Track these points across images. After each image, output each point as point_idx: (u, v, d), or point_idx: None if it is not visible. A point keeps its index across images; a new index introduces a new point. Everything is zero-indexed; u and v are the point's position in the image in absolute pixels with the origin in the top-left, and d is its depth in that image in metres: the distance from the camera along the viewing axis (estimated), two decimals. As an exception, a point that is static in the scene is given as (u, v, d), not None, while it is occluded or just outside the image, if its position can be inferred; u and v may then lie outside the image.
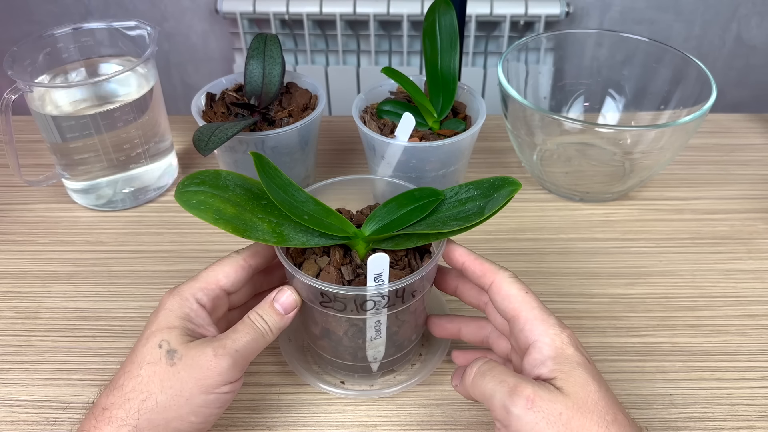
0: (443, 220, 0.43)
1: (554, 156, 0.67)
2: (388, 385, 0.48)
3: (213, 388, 0.39)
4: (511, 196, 0.41)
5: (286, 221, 0.42)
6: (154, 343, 0.40)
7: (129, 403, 0.38)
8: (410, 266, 0.44)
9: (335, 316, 0.43)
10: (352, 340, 0.45)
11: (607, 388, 0.37)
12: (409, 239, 0.42)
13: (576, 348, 0.38)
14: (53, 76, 0.63)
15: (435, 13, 0.60)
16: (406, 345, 0.48)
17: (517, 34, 1.25)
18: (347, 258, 0.44)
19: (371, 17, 1.22)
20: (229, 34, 1.27)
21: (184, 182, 0.41)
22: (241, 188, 0.43)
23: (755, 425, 0.46)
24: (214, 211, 0.41)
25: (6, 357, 0.51)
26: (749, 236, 0.63)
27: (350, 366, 0.47)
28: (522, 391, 0.36)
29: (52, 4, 1.22)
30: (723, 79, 1.31)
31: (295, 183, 0.44)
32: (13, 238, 0.63)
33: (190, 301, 0.42)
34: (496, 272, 0.42)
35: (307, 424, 0.47)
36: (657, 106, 0.69)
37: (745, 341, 0.52)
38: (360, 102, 0.61)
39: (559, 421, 0.35)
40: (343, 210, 0.48)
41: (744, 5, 1.22)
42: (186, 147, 0.74)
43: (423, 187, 0.45)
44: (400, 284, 0.41)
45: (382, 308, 0.42)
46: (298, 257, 0.45)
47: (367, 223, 0.44)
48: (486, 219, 0.41)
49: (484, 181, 0.44)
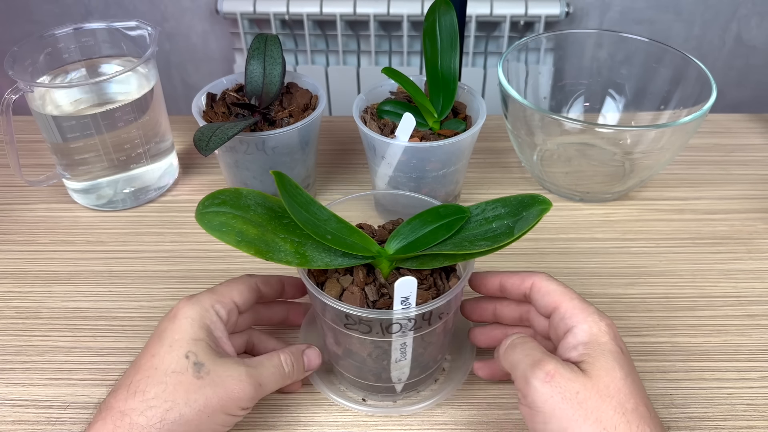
0: (470, 239, 0.42)
1: (554, 156, 0.67)
2: (411, 402, 0.47)
3: (233, 409, 0.40)
4: (541, 216, 0.40)
5: (309, 240, 0.41)
6: (181, 353, 0.40)
7: (152, 410, 0.38)
8: (435, 286, 0.43)
9: (359, 338, 0.42)
10: (377, 362, 0.44)
11: (635, 380, 0.38)
12: (434, 259, 0.41)
13: (612, 338, 0.39)
14: (54, 76, 0.63)
15: (435, 13, 0.60)
16: (431, 365, 0.47)
17: (517, 35, 1.25)
18: (371, 277, 0.43)
19: (371, 17, 1.22)
20: (229, 34, 1.27)
21: (204, 202, 0.41)
22: (262, 207, 0.42)
23: (755, 425, 0.46)
24: (236, 233, 0.40)
25: (7, 357, 0.51)
26: (749, 236, 0.63)
27: (373, 387, 0.46)
28: (544, 365, 0.37)
29: (52, 4, 1.22)
30: (723, 79, 1.31)
31: (317, 201, 0.43)
32: (13, 238, 0.63)
33: (210, 312, 0.42)
34: (533, 275, 0.43)
35: (307, 424, 0.47)
36: (657, 106, 0.69)
37: (745, 341, 0.52)
38: (360, 102, 0.61)
39: (575, 399, 0.36)
40: (364, 225, 0.47)
41: (744, 5, 1.22)
42: (187, 147, 0.74)
43: (448, 204, 0.44)
44: (428, 307, 0.40)
45: (408, 331, 0.41)
46: (320, 276, 0.44)
47: (390, 241, 0.43)
48: (516, 239, 0.40)
49: (511, 198, 0.43)
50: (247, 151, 0.58)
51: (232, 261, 0.59)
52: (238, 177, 0.61)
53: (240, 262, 0.59)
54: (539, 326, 0.44)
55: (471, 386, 0.49)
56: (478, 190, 0.69)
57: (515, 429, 0.46)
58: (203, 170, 0.71)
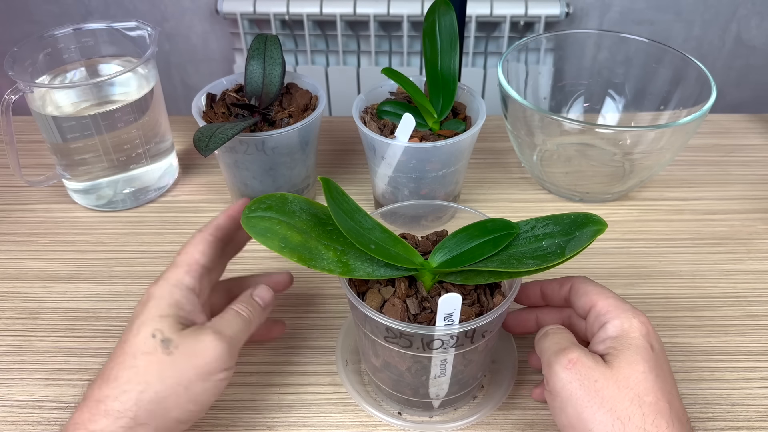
0: (518, 257, 0.41)
1: (554, 156, 0.67)
2: (447, 420, 0.46)
3: (211, 374, 0.40)
4: (594, 237, 0.39)
5: (352, 249, 0.41)
6: (147, 333, 0.39)
7: (126, 394, 0.38)
8: (479, 302, 0.42)
9: (399, 352, 0.41)
10: (415, 377, 0.43)
11: (662, 377, 0.38)
12: (479, 275, 0.41)
13: (643, 334, 0.39)
14: (54, 76, 0.63)
15: (435, 13, 0.60)
16: (471, 383, 0.46)
17: (517, 35, 1.25)
18: (412, 289, 0.43)
19: (371, 18, 1.22)
20: (229, 34, 1.27)
21: (251, 206, 0.41)
22: (307, 213, 0.42)
23: (755, 425, 0.46)
24: (280, 239, 0.40)
25: (6, 357, 0.51)
26: (749, 236, 0.63)
27: (410, 401, 0.46)
28: (568, 353, 0.38)
29: (52, 5, 1.22)
30: (723, 79, 1.31)
31: (362, 209, 0.43)
32: (13, 239, 0.63)
33: (179, 287, 0.42)
34: (571, 278, 0.44)
35: (307, 424, 0.47)
36: (657, 106, 0.69)
37: (745, 341, 0.52)
38: (360, 102, 0.61)
39: (593, 387, 0.37)
40: (407, 235, 0.47)
41: (744, 5, 1.22)
42: (186, 147, 0.74)
43: (496, 219, 0.43)
44: (472, 325, 0.39)
45: (450, 348, 0.40)
46: (362, 286, 0.43)
47: (434, 254, 0.42)
48: (566, 260, 0.39)
49: (564, 216, 0.42)
50: (247, 151, 0.58)
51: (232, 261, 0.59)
52: (237, 177, 0.61)
53: (240, 262, 0.59)
54: (580, 330, 0.44)
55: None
56: (477, 190, 0.69)
57: (515, 429, 0.46)
58: (203, 171, 0.71)
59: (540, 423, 0.47)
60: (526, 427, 0.46)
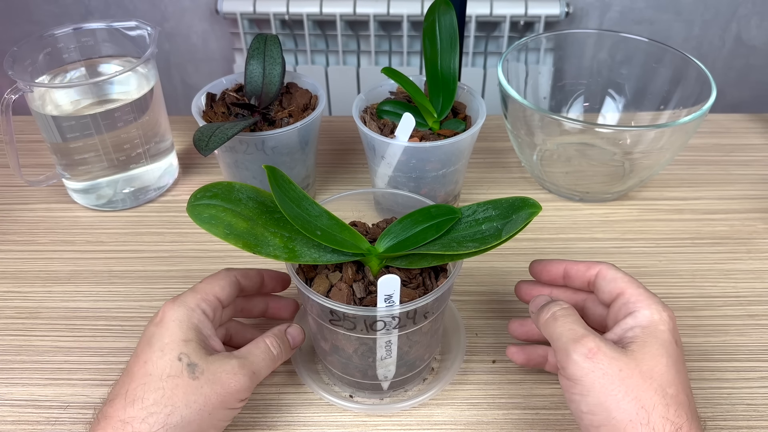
0: (459, 240, 0.42)
1: (554, 156, 0.67)
2: (397, 400, 0.47)
3: (232, 403, 0.40)
4: (530, 219, 0.40)
5: (299, 235, 0.42)
6: (173, 356, 0.40)
7: (153, 417, 0.38)
8: (424, 285, 0.43)
9: (345, 334, 0.42)
10: (362, 359, 0.44)
11: (681, 372, 0.38)
12: (423, 258, 0.42)
13: (670, 330, 0.39)
14: (53, 76, 0.63)
15: (435, 13, 0.60)
16: (418, 364, 0.47)
17: (517, 35, 1.25)
18: (359, 274, 0.43)
19: (371, 17, 1.22)
20: (229, 34, 1.27)
21: (196, 194, 0.41)
22: (253, 201, 0.42)
23: (755, 425, 0.46)
24: (225, 226, 0.40)
25: (6, 357, 0.51)
26: (749, 236, 0.63)
27: (360, 383, 0.47)
28: (587, 342, 0.38)
29: (52, 4, 1.22)
30: (723, 79, 1.31)
31: (310, 197, 0.43)
32: (13, 238, 0.63)
33: (197, 311, 0.42)
34: (598, 264, 0.44)
35: (307, 424, 0.47)
36: (657, 106, 0.69)
37: (745, 341, 0.52)
38: (360, 102, 0.61)
39: (617, 376, 0.37)
40: (358, 223, 0.48)
41: (744, 5, 1.22)
42: (186, 147, 0.74)
43: (440, 204, 0.44)
44: (412, 306, 0.40)
45: (393, 329, 0.41)
46: (310, 272, 0.44)
47: (381, 240, 0.43)
48: (503, 242, 0.40)
49: (503, 200, 0.43)
50: (247, 151, 0.58)
51: (231, 261, 0.59)
52: (237, 177, 0.61)
53: (240, 262, 0.59)
54: (594, 315, 0.45)
55: (473, 385, 0.49)
56: (477, 190, 0.69)
57: (515, 429, 0.46)
58: (203, 170, 0.71)
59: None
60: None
